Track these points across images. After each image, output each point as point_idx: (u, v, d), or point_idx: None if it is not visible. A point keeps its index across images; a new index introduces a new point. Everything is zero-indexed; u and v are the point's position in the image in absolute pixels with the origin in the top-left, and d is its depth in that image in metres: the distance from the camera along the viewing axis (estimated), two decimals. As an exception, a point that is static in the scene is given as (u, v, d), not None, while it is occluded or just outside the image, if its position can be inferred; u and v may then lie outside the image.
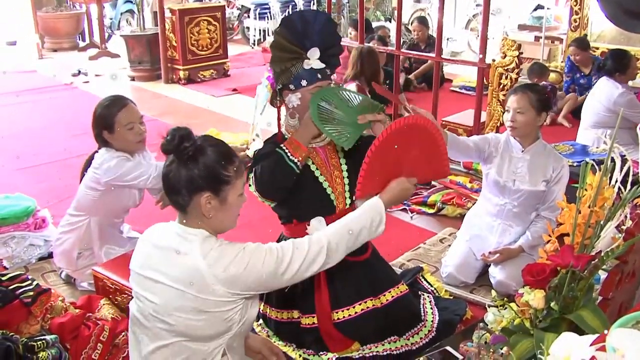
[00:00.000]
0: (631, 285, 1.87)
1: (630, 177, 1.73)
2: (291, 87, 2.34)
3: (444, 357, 2.06)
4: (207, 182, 1.75)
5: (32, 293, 2.54)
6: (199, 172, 1.74)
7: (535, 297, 1.63)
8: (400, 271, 3.17)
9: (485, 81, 4.32)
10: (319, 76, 2.32)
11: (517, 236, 3.11)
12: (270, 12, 10.19)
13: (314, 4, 10.71)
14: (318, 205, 2.46)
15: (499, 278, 3.02)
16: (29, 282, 2.59)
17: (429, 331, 2.62)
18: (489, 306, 1.98)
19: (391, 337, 2.55)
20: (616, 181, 1.72)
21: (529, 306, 1.65)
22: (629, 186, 1.71)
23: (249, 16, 10.43)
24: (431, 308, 2.76)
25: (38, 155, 5.21)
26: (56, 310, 2.61)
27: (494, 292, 1.92)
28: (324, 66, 2.34)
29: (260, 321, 2.67)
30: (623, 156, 1.73)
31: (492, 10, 7.24)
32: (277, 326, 2.61)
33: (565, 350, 1.31)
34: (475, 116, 4.38)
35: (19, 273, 2.65)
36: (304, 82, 2.32)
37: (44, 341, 2.37)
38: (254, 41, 10.19)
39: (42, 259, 3.47)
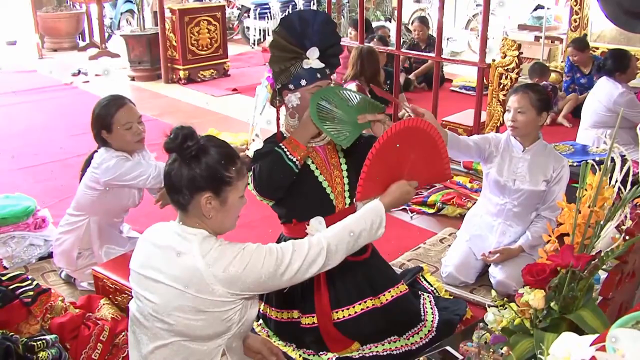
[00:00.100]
0: (631, 285, 1.87)
1: (630, 177, 1.73)
2: (290, 86, 2.34)
3: (444, 357, 2.06)
4: (208, 182, 1.75)
5: (32, 293, 2.54)
6: (200, 171, 1.74)
7: (535, 297, 1.63)
8: (400, 271, 3.17)
9: (485, 81, 4.33)
10: (318, 76, 2.32)
11: (517, 236, 3.11)
12: (270, 12, 10.19)
13: (313, 3, 10.71)
14: (317, 205, 2.46)
15: (499, 278, 3.02)
16: (29, 282, 2.60)
17: (429, 331, 2.62)
18: (489, 306, 1.99)
19: (391, 337, 2.55)
20: (616, 181, 1.72)
21: (529, 306, 1.65)
22: (629, 186, 1.71)
23: (249, 16, 10.43)
24: (431, 308, 2.76)
25: (38, 155, 5.21)
26: (56, 310, 2.61)
27: (494, 292, 1.92)
28: (323, 66, 2.34)
29: (260, 321, 2.67)
30: (623, 156, 1.73)
31: (492, 10, 7.24)
32: (277, 326, 2.61)
33: (565, 350, 1.31)
34: (475, 116, 4.38)
35: (18, 273, 2.66)
36: (303, 82, 2.32)
37: (43, 341, 2.37)
38: (254, 41, 10.19)
39: (42, 258, 3.47)
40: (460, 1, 9.99)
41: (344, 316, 2.50)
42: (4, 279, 2.56)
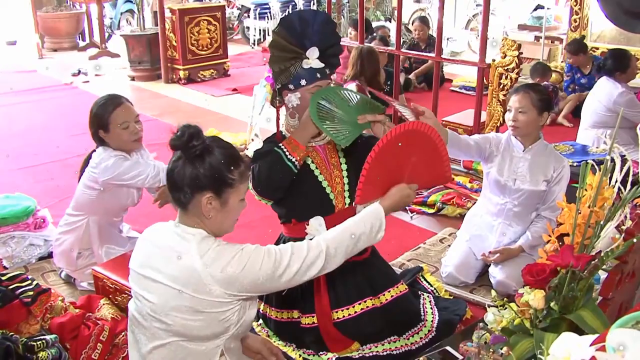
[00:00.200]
0: (631, 285, 1.87)
1: (630, 177, 1.73)
2: (290, 86, 2.34)
3: (444, 357, 2.06)
4: (210, 182, 1.76)
5: (31, 293, 2.54)
6: (204, 171, 1.75)
7: (535, 297, 1.63)
8: (400, 271, 3.17)
9: (485, 81, 4.32)
10: (318, 75, 2.32)
11: (517, 236, 3.11)
12: (270, 12, 10.19)
13: (313, 3, 10.71)
14: (317, 205, 2.46)
15: (499, 278, 3.02)
16: (29, 281, 2.60)
17: (428, 331, 2.62)
18: (489, 306, 1.98)
19: (391, 337, 2.55)
20: (616, 181, 1.72)
21: (529, 306, 1.65)
22: (628, 186, 1.71)
23: (249, 16, 10.43)
24: (431, 308, 2.76)
25: (38, 155, 5.21)
26: (56, 310, 2.61)
27: (493, 292, 1.92)
28: (323, 66, 2.34)
29: (260, 321, 2.67)
30: (623, 156, 1.72)
31: (492, 10, 7.24)
32: (276, 326, 2.61)
33: (565, 350, 1.31)
34: (475, 116, 4.38)
35: (18, 273, 2.65)
36: (303, 82, 2.32)
37: (43, 341, 2.37)
38: (254, 41, 10.19)
39: (42, 258, 3.47)
40: (460, 1, 9.99)
41: (343, 316, 2.50)
42: (3, 279, 2.56)
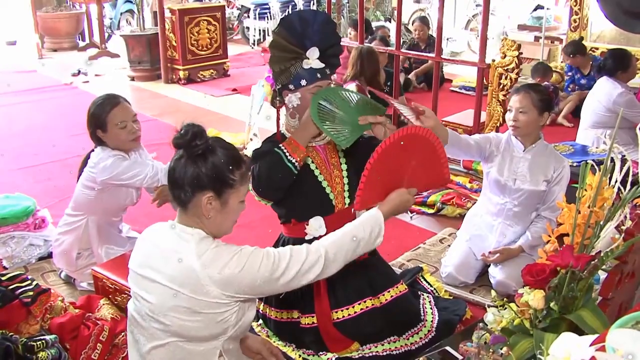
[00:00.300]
0: (631, 286, 1.87)
1: (630, 178, 1.73)
2: (291, 87, 2.34)
3: (444, 357, 2.06)
4: (211, 182, 1.76)
5: (31, 293, 2.53)
6: (206, 170, 1.75)
7: (535, 297, 1.63)
8: (399, 271, 3.17)
9: (485, 81, 4.32)
10: (318, 76, 2.32)
11: (516, 236, 3.11)
12: (270, 12, 10.19)
13: (313, 4, 10.71)
14: (317, 205, 2.46)
15: (499, 278, 3.02)
16: (29, 282, 2.59)
17: (428, 331, 2.62)
18: (488, 306, 1.98)
19: (391, 337, 2.55)
20: (616, 181, 1.72)
21: (529, 306, 1.65)
22: (628, 186, 1.71)
23: (248, 16, 10.43)
24: (431, 308, 2.76)
25: (38, 155, 5.21)
26: (56, 310, 2.61)
27: (493, 292, 1.92)
28: (323, 66, 2.34)
29: (259, 321, 2.67)
30: (623, 156, 1.73)
31: (492, 10, 7.24)
32: (276, 326, 2.61)
33: (565, 350, 1.31)
34: (475, 116, 4.38)
35: (18, 273, 2.65)
36: (303, 82, 2.31)
37: (43, 341, 2.37)
38: (254, 41, 10.19)
39: (41, 258, 3.47)
40: (460, 1, 9.99)
41: (343, 316, 2.50)
42: (3, 279, 2.56)
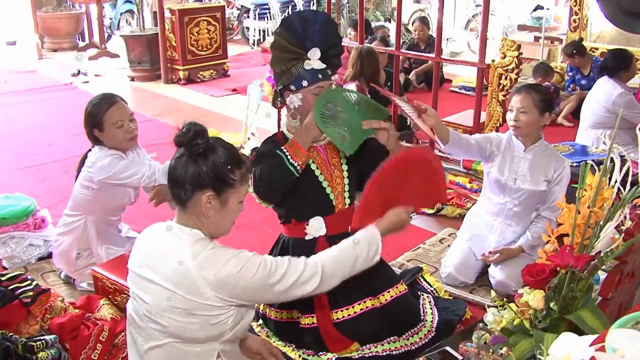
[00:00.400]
0: (631, 286, 1.87)
1: (630, 178, 1.73)
2: (292, 87, 2.34)
3: (444, 358, 2.06)
4: (212, 180, 1.76)
5: (31, 293, 2.53)
6: (206, 169, 1.75)
7: (534, 298, 1.63)
8: (399, 271, 3.17)
9: (484, 81, 4.32)
10: (319, 76, 2.32)
11: (516, 236, 3.11)
12: (269, 13, 10.20)
13: (313, 4, 10.71)
14: (317, 205, 2.46)
15: (499, 278, 3.02)
16: (29, 282, 2.59)
17: (428, 331, 2.62)
18: (488, 306, 1.99)
19: (390, 337, 2.54)
20: (615, 181, 1.72)
21: (529, 306, 1.65)
22: (628, 186, 1.71)
23: (248, 16, 10.44)
24: (431, 308, 2.76)
25: (38, 155, 5.21)
26: (55, 311, 2.61)
27: (493, 293, 1.93)
28: (324, 66, 2.34)
29: (259, 321, 2.67)
30: (622, 156, 1.73)
31: (492, 10, 7.24)
32: (276, 326, 2.61)
33: (565, 350, 1.31)
34: (474, 116, 4.37)
35: (18, 273, 2.65)
36: (305, 83, 2.31)
37: (43, 341, 2.37)
38: (254, 41, 10.19)
39: (41, 259, 3.47)
40: (460, 1, 9.99)
41: (343, 316, 2.50)
42: (3, 279, 2.56)
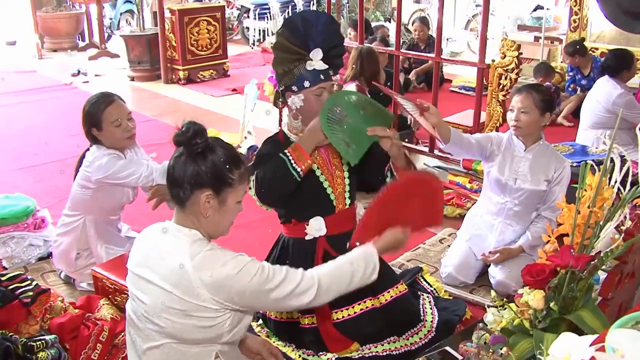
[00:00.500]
0: (631, 286, 1.87)
1: (630, 178, 1.73)
2: (294, 88, 2.34)
3: (444, 358, 2.06)
4: (211, 180, 1.76)
5: (31, 293, 2.53)
6: (205, 169, 1.75)
7: (534, 298, 1.63)
8: (399, 271, 3.17)
9: (484, 81, 4.32)
10: (322, 77, 2.32)
11: (516, 235, 3.11)
12: (269, 13, 10.19)
13: (313, 4, 10.71)
14: (318, 205, 2.46)
15: (499, 278, 3.02)
16: (29, 282, 2.59)
17: (428, 331, 2.62)
18: (488, 306, 1.99)
19: (390, 337, 2.54)
20: (615, 181, 1.72)
21: (529, 306, 1.65)
22: (628, 186, 1.72)
23: (248, 16, 10.44)
24: (430, 308, 2.76)
25: (38, 155, 5.21)
26: (55, 311, 2.61)
27: (493, 293, 1.93)
28: (326, 67, 2.33)
29: (259, 321, 2.67)
30: (622, 156, 1.73)
31: (492, 10, 7.24)
32: (276, 326, 2.61)
33: (565, 350, 1.31)
34: (474, 116, 4.37)
35: (18, 273, 2.65)
36: (306, 84, 2.31)
37: (43, 341, 2.37)
38: (254, 41, 10.19)
39: (41, 259, 3.47)
40: (460, 1, 9.99)
41: (343, 316, 2.50)
42: (3, 279, 2.56)
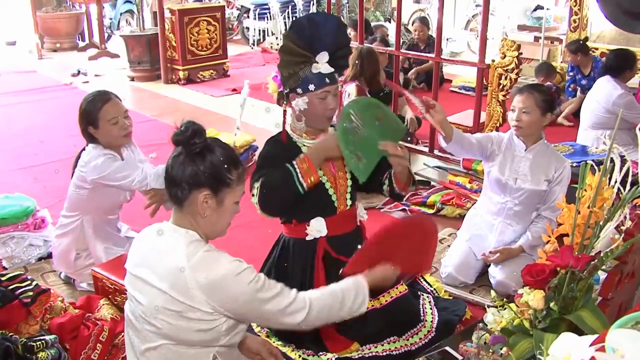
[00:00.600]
0: (631, 286, 1.87)
1: (630, 178, 1.73)
2: (298, 91, 2.33)
3: (444, 358, 2.06)
4: (209, 180, 1.76)
5: (31, 293, 2.53)
6: (204, 168, 1.75)
7: (534, 298, 1.63)
8: (399, 271, 3.16)
9: (484, 81, 4.32)
10: (327, 81, 2.32)
11: (516, 235, 3.12)
12: (269, 13, 10.20)
13: (313, 4, 10.71)
14: (319, 206, 2.46)
15: (499, 278, 3.02)
16: (29, 282, 2.59)
17: (428, 331, 2.62)
18: (488, 306, 1.99)
19: (390, 338, 2.54)
20: (615, 182, 1.72)
21: (529, 306, 1.65)
22: (628, 186, 1.71)
23: (248, 16, 10.44)
24: (430, 308, 2.76)
25: (38, 155, 5.21)
26: (55, 311, 2.61)
27: (493, 293, 1.93)
28: (332, 70, 2.34)
29: (259, 321, 2.67)
30: (622, 156, 1.73)
31: (492, 10, 7.24)
32: (276, 326, 2.61)
33: (565, 350, 1.31)
34: (474, 116, 4.37)
35: (18, 273, 2.65)
36: (311, 87, 2.31)
37: (43, 341, 2.37)
38: (254, 41, 10.19)
39: (41, 259, 3.47)
40: (460, 1, 9.99)
41: (343, 316, 2.50)
42: (3, 279, 2.56)
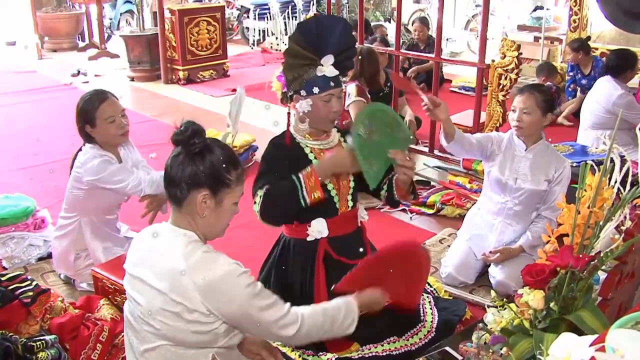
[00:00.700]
0: (630, 286, 1.87)
1: (630, 178, 1.73)
2: (302, 93, 2.33)
3: (444, 358, 2.06)
4: (208, 180, 1.76)
5: (31, 293, 2.53)
6: (203, 168, 1.75)
7: (534, 298, 1.63)
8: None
9: (484, 82, 4.32)
10: (331, 84, 2.32)
11: (516, 235, 3.12)
12: (269, 13, 10.19)
13: (313, 4, 10.71)
14: (321, 207, 2.45)
15: (499, 278, 3.02)
16: (29, 282, 2.59)
17: (428, 331, 2.62)
18: (488, 306, 1.99)
19: (390, 338, 2.54)
20: (615, 182, 1.72)
21: (529, 306, 1.66)
22: (628, 187, 1.71)
23: (248, 16, 10.44)
24: (430, 308, 2.76)
25: (38, 155, 5.21)
26: (55, 311, 2.61)
27: (493, 293, 1.93)
28: (337, 73, 2.33)
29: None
30: (622, 157, 1.73)
31: (492, 10, 7.24)
32: (276, 326, 2.60)
33: (565, 350, 1.32)
34: (474, 116, 4.37)
35: (18, 273, 2.65)
36: (316, 90, 2.31)
37: (43, 341, 2.37)
38: (254, 41, 10.19)
39: (41, 259, 3.47)
40: (460, 1, 9.99)
41: (343, 317, 2.50)
42: (3, 279, 2.56)
